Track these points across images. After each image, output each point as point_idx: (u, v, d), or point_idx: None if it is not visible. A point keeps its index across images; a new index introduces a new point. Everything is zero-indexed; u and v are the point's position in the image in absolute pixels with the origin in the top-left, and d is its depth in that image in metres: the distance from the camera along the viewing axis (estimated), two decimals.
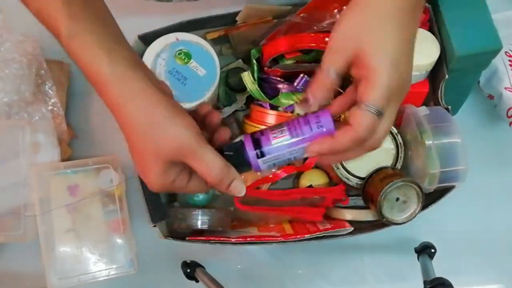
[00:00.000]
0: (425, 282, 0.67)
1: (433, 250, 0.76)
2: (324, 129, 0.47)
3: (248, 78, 0.70)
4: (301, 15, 0.66)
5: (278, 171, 0.72)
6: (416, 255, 0.78)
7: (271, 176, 0.72)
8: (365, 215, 0.71)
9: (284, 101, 0.70)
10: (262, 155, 0.48)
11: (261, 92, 0.70)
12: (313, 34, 0.68)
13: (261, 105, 0.72)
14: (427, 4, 0.71)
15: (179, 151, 0.46)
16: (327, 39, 0.69)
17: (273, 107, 0.71)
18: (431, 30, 0.70)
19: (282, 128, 0.48)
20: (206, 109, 0.53)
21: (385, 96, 0.44)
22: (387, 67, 0.44)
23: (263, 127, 0.71)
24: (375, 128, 0.45)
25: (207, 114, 0.53)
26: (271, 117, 0.71)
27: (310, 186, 0.74)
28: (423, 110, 0.68)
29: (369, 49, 0.44)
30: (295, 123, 0.48)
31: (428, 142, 0.65)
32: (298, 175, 0.77)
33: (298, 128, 0.48)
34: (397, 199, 0.65)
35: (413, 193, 0.65)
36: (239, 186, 0.49)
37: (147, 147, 0.46)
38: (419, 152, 0.67)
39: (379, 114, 0.44)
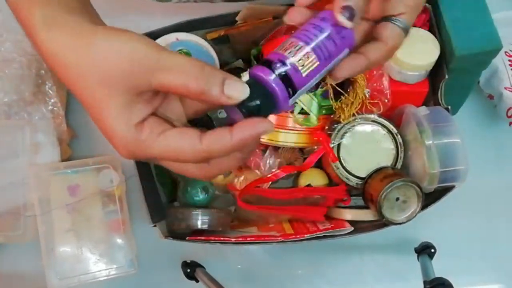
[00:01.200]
0: (425, 282, 0.67)
1: (433, 250, 0.76)
2: (349, 42, 0.41)
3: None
4: None
5: (277, 171, 0.72)
6: (416, 255, 0.78)
7: (270, 175, 0.72)
8: (365, 215, 0.71)
9: None
10: (294, 93, 0.39)
11: None
12: None
13: None
14: (427, 4, 0.71)
15: (134, 68, 0.35)
16: None
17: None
18: (431, 30, 0.70)
19: (306, 52, 0.39)
20: None
21: (412, 13, 0.43)
22: None
23: None
24: (401, 41, 0.43)
25: None
26: (271, 117, 0.71)
27: (309, 185, 0.74)
28: (423, 110, 0.68)
29: None
30: (319, 44, 0.39)
31: (428, 142, 0.65)
32: (297, 175, 0.77)
33: (324, 48, 0.39)
34: (397, 199, 0.66)
35: (413, 193, 0.65)
36: (237, 86, 0.36)
37: (90, 79, 0.35)
38: (419, 152, 0.67)
39: (406, 30, 0.43)
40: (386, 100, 0.69)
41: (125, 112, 0.36)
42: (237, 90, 0.36)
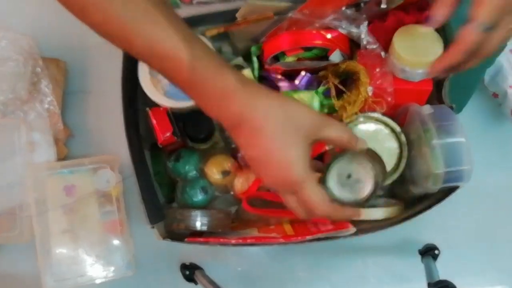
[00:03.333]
0: (429, 285, 0.67)
1: (436, 252, 0.76)
2: None
3: (247, 76, 0.69)
4: (303, 11, 0.65)
5: None
6: (419, 257, 0.77)
7: None
8: (369, 215, 0.70)
9: None
10: None
11: None
12: (315, 31, 0.67)
13: None
14: (430, 1, 0.70)
15: (314, 123, 0.52)
16: (329, 35, 0.68)
17: None
18: None
19: None
20: None
21: (494, 13, 0.51)
22: None
23: None
24: (480, 41, 0.53)
25: None
26: None
27: None
28: (427, 109, 0.67)
29: None
30: None
31: (432, 142, 0.64)
32: None
33: None
34: (349, 176, 0.60)
35: (367, 172, 0.59)
36: (361, 142, 0.56)
37: (287, 129, 0.50)
38: (423, 151, 0.66)
39: (487, 30, 0.52)
40: (390, 99, 0.68)
41: (306, 155, 0.51)
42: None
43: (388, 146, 0.68)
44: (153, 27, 0.47)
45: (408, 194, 0.71)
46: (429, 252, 0.75)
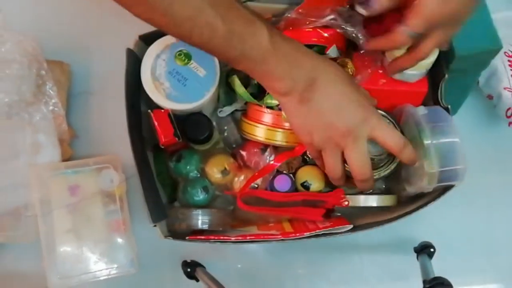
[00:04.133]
0: (424, 282, 0.67)
1: (432, 250, 0.76)
2: None
3: (236, 82, 0.70)
4: (299, 11, 0.66)
5: (271, 162, 0.72)
6: (415, 254, 0.77)
7: (266, 166, 0.72)
8: (364, 201, 0.71)
9: (270, 101, 0.70)
10: None
11: (249, 95, 0.71)
12: (311, 29, 0.68)
13: (258, 104, 0.72)
14: None
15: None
16: (326, 34, 0.69)
17: (270, 106, 0.72)
18: None
19: None
20: None
21: (423, 25, 0.56)
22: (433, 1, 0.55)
23: (260, 125, 0.71)
24: (407, 43, 0.60)
25: None
26: (268, 116, 0.71)
27: (305, 182, 0.74)
28: (421, 110, 0.68)
29: None
30: None
31: (427, 142, 0.65)
32: (295, 172, 0.77)
33: None
34: None
35: None
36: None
37: (350, 78, 0.61)
38: (417, 151, 0.66)
39: (414, 36, 0.58)
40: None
41: None
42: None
43: None
44: (235, 15, 0.53)
45: (404, 193, 0.72)
46: (424, 250, 0.76)
